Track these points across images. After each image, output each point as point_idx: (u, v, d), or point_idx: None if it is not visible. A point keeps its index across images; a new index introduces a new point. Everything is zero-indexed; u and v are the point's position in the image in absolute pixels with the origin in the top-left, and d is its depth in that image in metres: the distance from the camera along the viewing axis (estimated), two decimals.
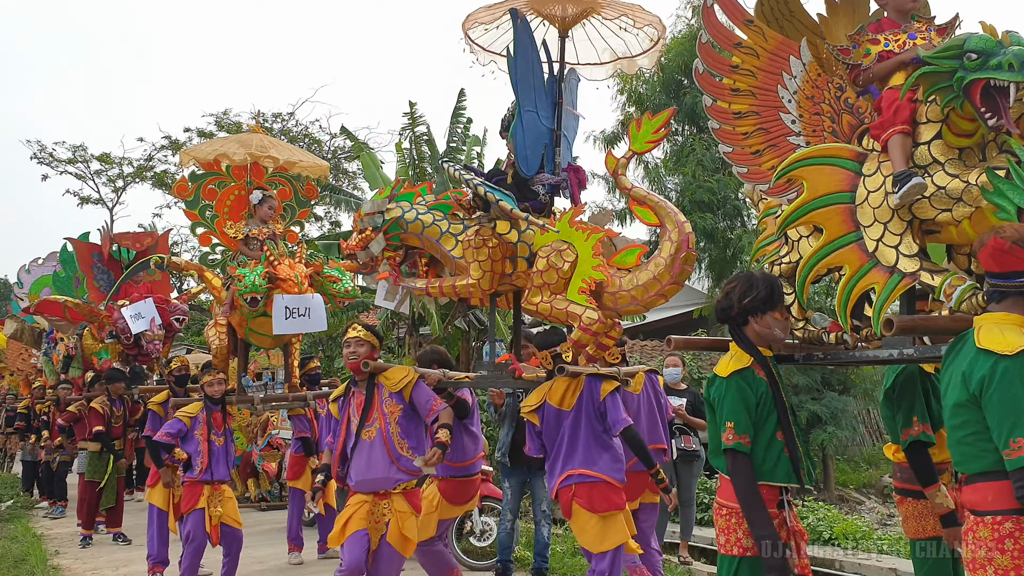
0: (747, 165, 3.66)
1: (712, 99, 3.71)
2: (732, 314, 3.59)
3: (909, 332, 3.08)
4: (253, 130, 8.39)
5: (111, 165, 27.19)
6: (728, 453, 3.38)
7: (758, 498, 3.33)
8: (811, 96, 3.58)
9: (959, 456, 2.82)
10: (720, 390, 3.47)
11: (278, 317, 6.60)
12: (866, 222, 3.28)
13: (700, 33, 3.69)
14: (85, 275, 9.60)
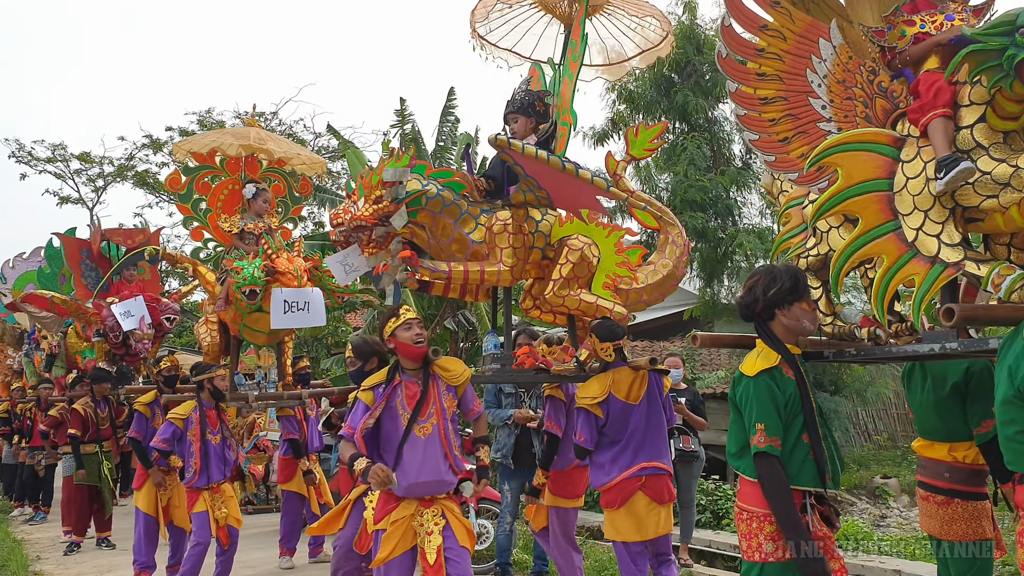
0: (775, 153, 3.50)
1: (736, 84, 3.55)
2: (757, 309, 3.43)
3: (971, 323, 2.93)
4: (248, 123, 8.23)
5: (91, 164, 26.73)
6: (760, 456, 3.23)
7: (791, 502, 3.19)
8: (842, 80, 3.43)
9: (1010, 455, 2.69)
10: (748, 390, 3.31)
11: (276, 311, 6.45)
12: (905, 210, 3.12)
13: (723, 15, 3.54)
14: (72, 272, 9.35)
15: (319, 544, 8.12)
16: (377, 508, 4.39)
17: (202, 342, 7.60)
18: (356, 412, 4.31)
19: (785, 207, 4.05)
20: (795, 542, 3.12)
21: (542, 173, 4.67)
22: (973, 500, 3.95)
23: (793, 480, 3.26)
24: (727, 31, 3.52)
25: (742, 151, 16.54)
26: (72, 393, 9.38)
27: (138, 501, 7.20)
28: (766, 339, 3.42)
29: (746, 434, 3.31)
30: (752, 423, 3.25)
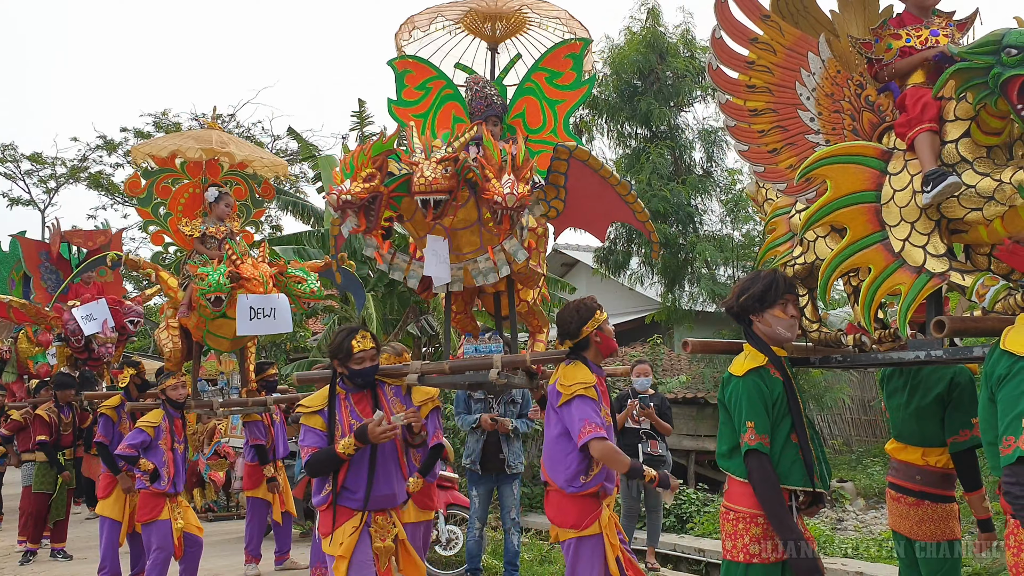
0: (764, 164, 3.57)
1: (727, 96, 3.61)
2: (734, 312, 3.58)
3: (960, 334, 3.03)
4: (209, 126, 8.11)
5: (43, 165, 26.12)
6: (749, 455, 3.30)
7: (782, 500, 3.27)
8: (830, 93, 3.51)
9: (993, 460, 2.76)
10: (737, 389, 3.40)
11: (242, 318, 6.35)
12: (892, 222, 3.21)
13: (714, 28, 3.59)
14: (31, 274, 9.11)
15: (285, 551, 8.04)
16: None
17: (163, 348, 7.45)
18: (590, 410, 4.22)
19: (771, 216, 4.13)
20: (788, 541, 3.19)
21: (584, 188, 4.71)
22: (942, 503, 4.10)
23: (783, 480, 3.33)
24: (718, 43, 3.58)
25: (703, 159, 16.77)
26: (35, 399, 9.15)
27: (104, 509, 7.07)
28: (751, 341, 3.52)
29: (736, 435, 3.38)
30: (742, 421, 3.32)
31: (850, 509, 13.67)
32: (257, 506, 7.97)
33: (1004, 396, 2.61)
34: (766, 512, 3.26)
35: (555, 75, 5.09)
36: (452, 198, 4.36)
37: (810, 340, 3.87)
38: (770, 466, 3.29)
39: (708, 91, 16.46)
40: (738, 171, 16.71)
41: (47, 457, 8.55)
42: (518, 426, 7.05)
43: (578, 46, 5.07)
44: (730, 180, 16.44)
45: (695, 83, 16.23)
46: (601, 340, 4.35)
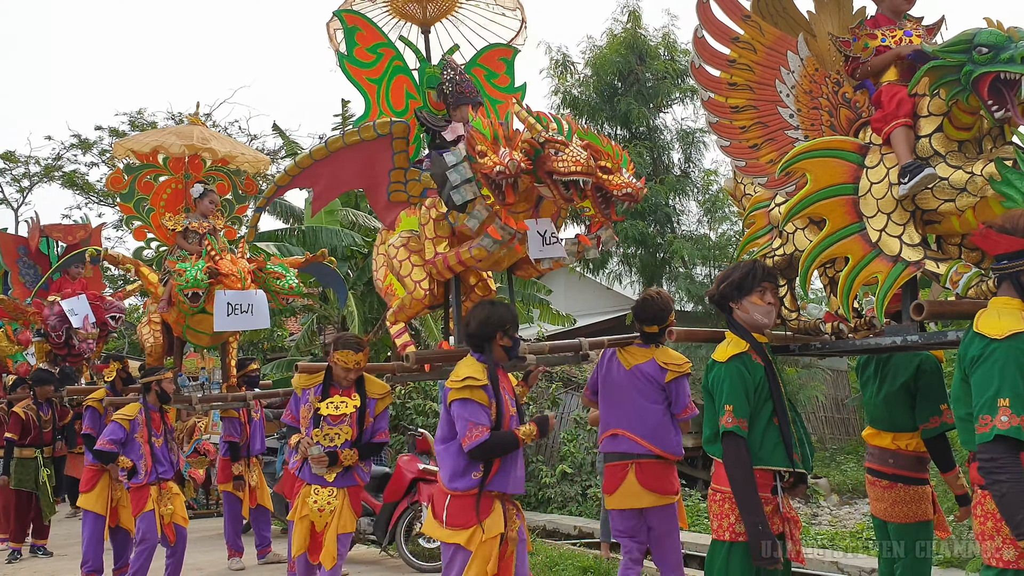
0: (745, 159, 3.70)
1: (709, 93, 3.74)
2: (716, 300, 3.75)
3: (938, 317, 3.17)
4: (192, 122, 8.15)
5: (16, 164, 25.76)
6: (726, 436, 3.45)
7: (752, 483, 3.41)
8: (809, 91, 3.64)
9: (964, 435, 2.91)
10: (719, 374, 3.55)
11: (220, 313, 6.39)
12: (869, 213, 3.35)
13: (696, 27, 3.71)
14: (9, 269, 9.05)
15: (267, 545, 8.08)
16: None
17: (144, 343, 7.50)
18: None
19: (750, 210, 4.25)
20: (749, 519, 3.35)
21: None
22: (915, 485, 4.22)
23: (766, 461, 3.50)
24: (700, 42, 3.71)
25: (681, 160, 16.97)
26: (12, 396, 9.09)
27: (87, 502, 7.06)
28: (732, 328, 3.69)
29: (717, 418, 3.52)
30: (721, 404, 3.49)
31: (824, 505, 13.89)
32: (231, 500, 8.00)
33: (978, 377, 2.75)
34: (734, 491, 3.42)
35: (492, 75, 5.21)
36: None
37: (789, 328, 4.00)
38: (745, 449, 3.44)
39: (687, 93, 16.67)
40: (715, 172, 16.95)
41: (4, 455, 8.50)
42: None
43: (509, 52, 5.23)
44: (707, 181, 16.66)
45: (674, 85, 16.44)
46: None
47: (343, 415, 5.14)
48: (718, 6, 3.68)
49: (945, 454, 4.17)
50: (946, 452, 4.15)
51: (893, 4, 3.64)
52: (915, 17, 3.71)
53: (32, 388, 8.55)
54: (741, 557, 3.47)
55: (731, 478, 3.44)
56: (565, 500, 12.06)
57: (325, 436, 5.11)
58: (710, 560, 3.62)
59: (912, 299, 3.31)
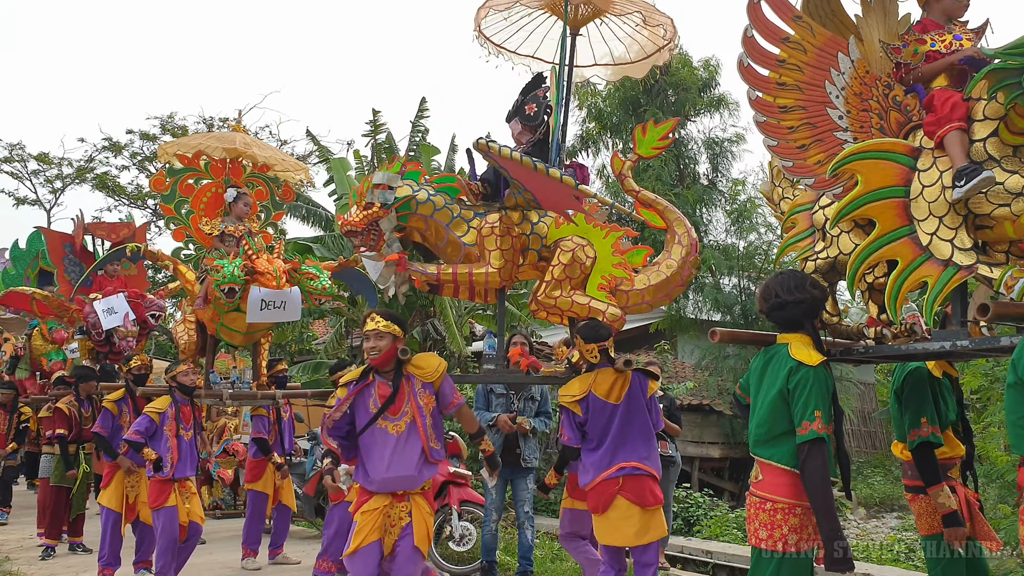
0: (792, 159, 3.68)
1: (757, 92, 3.73)
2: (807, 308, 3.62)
3: (1003, 319, 3.12)
4: (234, 128, 8.28)
5: (49, 165, 26.15)
6: (815, 443, 3.33)
7: (832, 492, 3.35)
8: (859, 93, 3.62)
9: (1014, 438, 2.87)
10: (808, 378, 3.42)
11: (253, 307, 6.51)
12: (920, 216, 3.32)
13: (746, 27, 3.71)
14: (56, 267, 9.17)
15: (279, 546, 8.11)
16: (355, 501, 4.59)
17: (179, 341, 7.61)
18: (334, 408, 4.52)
19: (791, 212, 4.23)
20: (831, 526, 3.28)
21: (523, 175, 4.76)
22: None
23: None
24: (749, 42, 3.70)
25: (708, 170, 16.91)
26: (55, 392, 9.18)
27: (104, 498, 7.14)
28: (815, 336, 3.60)
29: (787, 422, 3.44)
30: (810, 410, 3.35)
31: (851, 518, 13.77)
32: (257, 499, 8.03)
33: None
34: (817, 502, 3.31)
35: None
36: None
37: (830, 333, 3.97)
38: (827, 458, 3.34)
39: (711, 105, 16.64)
40: (742, 182, 16.87)
41: (61, 452, 8.58)
42: (536, 425, 7.13)
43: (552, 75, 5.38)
44: (734, 191, 16.59)
45: (698, 97, 16.41)
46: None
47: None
48: (768, 6, 3.68)
49: (929, 468, 4.07)
50: (931, 466, 4.06)
51: (946, 8, 3.62)
52: (961, 21, 3.70)
53: (77, 385, 8.62)
54: (793, 569, 3.40)
55: (816, 486, 3.32)
56: None
57: None
58: (756, 571, 3.53)
59: (962, 304, 3.28)
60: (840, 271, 3.83)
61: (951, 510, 4.00)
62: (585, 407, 4.78)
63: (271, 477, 7.95)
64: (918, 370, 4.16)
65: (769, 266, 15.92)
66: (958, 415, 4.33)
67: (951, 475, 4.29)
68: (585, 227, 5.01)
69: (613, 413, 4.77)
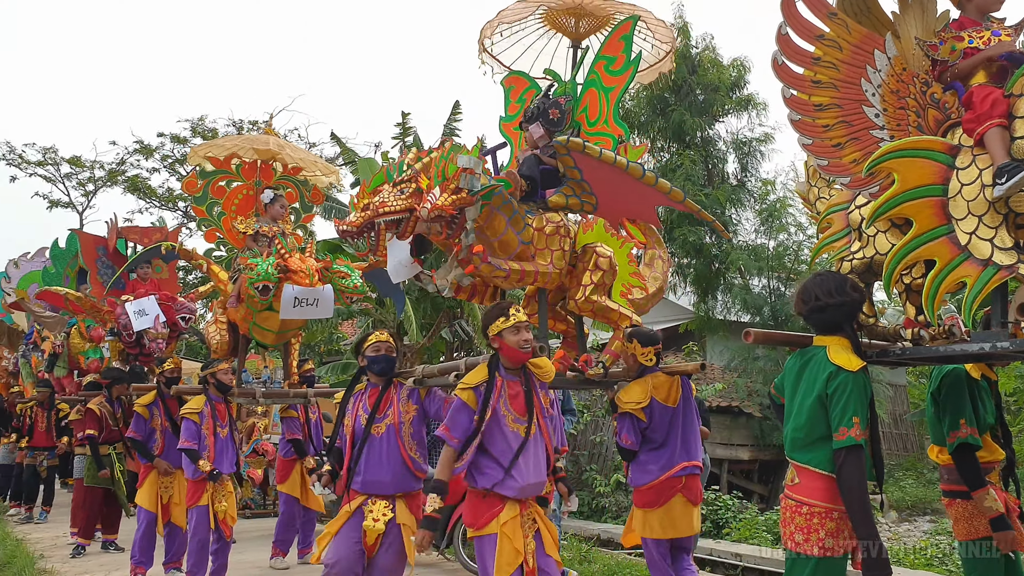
0: (828, 158, 3.64)
1: (791, 90, 3.69)
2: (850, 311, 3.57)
3: None
4: (265, 131, 8.37)
5: (82, 168, 26.55)
6: (853, 449, 3.30)
7: (868, 497, 3.31)
8: (896, 90, 3.58)
9: None
10: (847, 383, 3.37)
11: (286, 304, 6.58)
12: (959, 215, 3.27)
13: (780, 24, 3.67)
14: (89, 269, 9.31)
15: (308, 545, 8.16)
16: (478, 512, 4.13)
17: (211, 340, 7.68)
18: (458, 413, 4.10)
19: (827, 212, 4.19)
20: (867, 540, 3.24)
21: (602, 178, 4.66)
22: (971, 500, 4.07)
23: None
24: (783, 39, 3.67)
25: (736, 170, 16.79)
26: (86, 393, 9.31)
27: (140, 498, 7.26)
28: (855, 340, 3.55)
29: (823, 427, 3.40)
30: (848, 416, 3.31)
31: (883, 521, 13.62)
32: (287, 501, 8.09)
33: None
34: (854, 508, 3.27)
35: (611, 61, 5.04)
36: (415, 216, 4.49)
37: (866, 335, 3.92)
38: (864, 464, 3.31)
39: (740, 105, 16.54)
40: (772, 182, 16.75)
41: (92, 453, 8.69)
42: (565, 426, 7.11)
43: (628, 25, 4.99)
44: (764, 191, 16.47)
45: (727, 97, 16.31)
46: (500, 346, 4.13)
47: None
48: (803, 3, 3.64)
49: (971, 470, 3.98)
50: (972, 468, 3.97)
51: (981, 5, 3.56)
52: (998, 17, 3.64)
53: (110, 386, 8.72)
54: (828, 573, 3.36)
55: (853, 491, 3.28)
56: (620, 510, 11.98)
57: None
58: (791, 575, 3.49)
59: (1002, 305, 3.23)
60: (876, 271, 3.78)
61: (998, 513, 3.93)
62: (649, 412, 5.03)
63: (298, 478, 8.00)
64: (956, 371, 4.10)
65: (799, 267, 15.79)
66: (996, 419, 4.26)
67: (990, 479, 4.22)
68: (604, 235, 5.07)
69: (674, 416, 5.06)
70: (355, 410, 4.79)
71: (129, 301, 8.40)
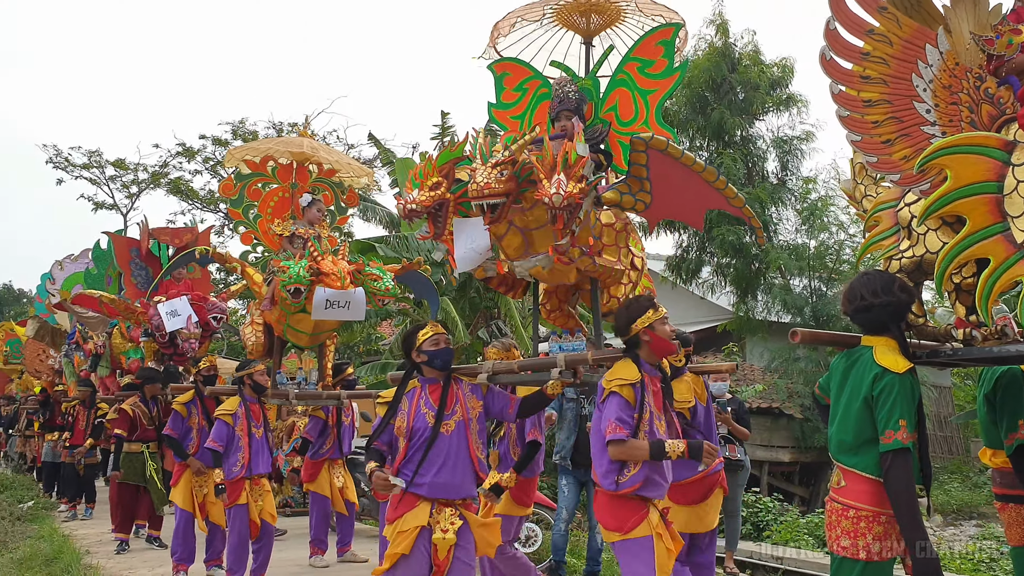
0: (877, 154, 3.57)
1: (840, 86, 3.62)
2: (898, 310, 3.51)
3: None
4: (301, 134, 8.42)
5: (126, 171, 27.04)
6: (900, 452, 3.25)
7: (917, 500, 3.26)
8: (948, 85, 3.49)
9: None
10: (893, 385, 3.33)
11: (318, 306, 6.62)
12: (1015, 212, 3.18)
13: (828, 19, 3.61)
14: (123, 271, 9.45)
15: (347, 543, 8.19)
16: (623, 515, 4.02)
17: (246, 342, 7.74)
18: (623, 411, 3.95)
19: (874, 211, 4.09)
20: (916, 541, 3.18)
21: (667, 178, 4.53)
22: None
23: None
24: (831, 34, 3.60)
25: (776, 168, 16.60)
26: (123, 394, 9.45)
27: (175, 496, 7.35)
28: (902, 339, 3.49)
29: (870, 430, 3.34)
30: (895, 419, 3.27)
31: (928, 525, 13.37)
32: (317, 499, 8.13)
33: None
34: (902, 512, 3.22)
35: (647, 64, 4.96)
36: (513, 200, 4.32)
37: (915, 335, 3.84)
38: (911, 467, 3.27)
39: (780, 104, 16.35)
40: (813, 180, 16.53)
41: (114, 451, 8.81)
42: None
43: (669, 32, 4.89)
44: (805, 189, 16.26)
45: (767, 95, 16.14)
46: (651, 339, 4.09)
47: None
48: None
49: None
50: None
51: None
52: None
53: (142, 386, 8.84)
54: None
55: (900, 495, 3.24)
56: None
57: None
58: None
59: None
60: (927, 270, 3.70)
61: None
62: (693, 411, 5.20)
63: (327, 477, 8.03)
64: (1012, 371, 4.00)
65: (841, 266, 15.57)
66: None
67: None
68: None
69: (708, 412, 5.34)
70: (413, 409, 4.45)
71: (161, 302, 8.51)
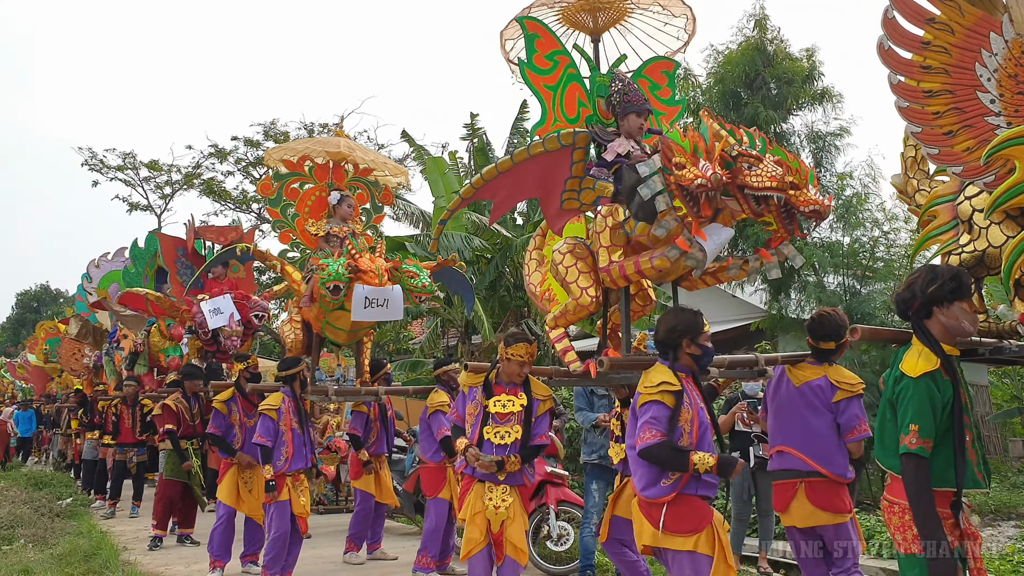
0: (938, 146, 3.49)
1: (899, 77, 3.54)
2: (915, 305, 3.40)
3: None
4: (336, 134, 8.47)
5: (159, 172, 27.33)
6: (908, 457, 3.24)
7: (932, 503, 3.22)
8: (1014, 75, 3.40)
9: None
10: (908, 390, 3.30)
11: (357, 305, 6.60)
12: None
13: (886, 8, 3.53)
14: (169, 269, 9.54)
15: (376, 541, 8.20)
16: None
17: (285, 340, 7.78)
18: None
19: (929, 204, 4.02)
20: (930, 542, 3.16)
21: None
22: None
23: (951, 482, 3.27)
24: (890, 24, 3.52)
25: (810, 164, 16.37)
26: (166, 390, 9.53)
27: (220, 493, 7.42)
28: (923, 338, 3.38)
29: (895, 432, 3.32)
30: (906, 423, 3.26)
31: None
32: (364, 496, 8.14)
33: None
34: (914, 514, 3.22)
35: (655, 87, 5.13)
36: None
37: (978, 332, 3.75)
38: (926, 471, 3.23)
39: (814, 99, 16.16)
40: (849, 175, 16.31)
41: (172, 446, 8.87)
42: None
43: (671, 65, 5.14)
44: (841, 185, 16.05)
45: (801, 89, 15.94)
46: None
47: (510, 413, 5.16)
48: None
49: None
50: None
51: None
52: None
53: (181, 382, 8.91)
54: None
55: (911, 499, 3.24)
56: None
57: (495, 434, 5.13)
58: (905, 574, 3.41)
59: None
60: (989, 264, 3.62)
61: None
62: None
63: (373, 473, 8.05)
64: None
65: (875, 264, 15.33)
66: None
67: None
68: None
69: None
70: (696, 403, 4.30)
71: (205, 300, 8.56)
